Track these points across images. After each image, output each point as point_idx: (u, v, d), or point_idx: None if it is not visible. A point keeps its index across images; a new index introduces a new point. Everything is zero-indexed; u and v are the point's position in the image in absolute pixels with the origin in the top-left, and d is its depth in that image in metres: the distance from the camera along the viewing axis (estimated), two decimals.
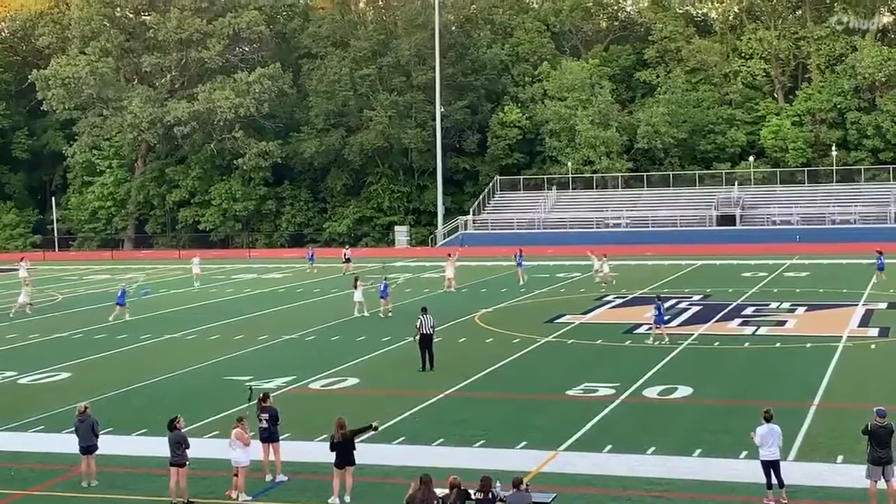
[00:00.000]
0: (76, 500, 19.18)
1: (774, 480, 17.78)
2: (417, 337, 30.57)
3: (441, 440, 22.35)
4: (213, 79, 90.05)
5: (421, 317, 30.57)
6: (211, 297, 52.15)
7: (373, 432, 20.04)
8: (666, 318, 35.70)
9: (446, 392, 27.23)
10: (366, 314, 42.24)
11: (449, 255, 54.45)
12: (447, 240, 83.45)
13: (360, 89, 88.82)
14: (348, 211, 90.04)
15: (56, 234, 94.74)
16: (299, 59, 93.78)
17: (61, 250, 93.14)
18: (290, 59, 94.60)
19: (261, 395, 20.76)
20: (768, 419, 18.08)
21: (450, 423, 24.07)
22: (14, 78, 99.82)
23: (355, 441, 18.72)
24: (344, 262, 61.57)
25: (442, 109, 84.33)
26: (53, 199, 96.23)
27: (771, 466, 17.79)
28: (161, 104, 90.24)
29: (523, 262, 53.98)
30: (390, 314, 42.29)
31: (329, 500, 18.44)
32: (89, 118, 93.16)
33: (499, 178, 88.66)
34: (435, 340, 31.00)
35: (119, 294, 44.31)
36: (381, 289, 43.39)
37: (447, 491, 15.64)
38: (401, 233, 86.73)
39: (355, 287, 42.86)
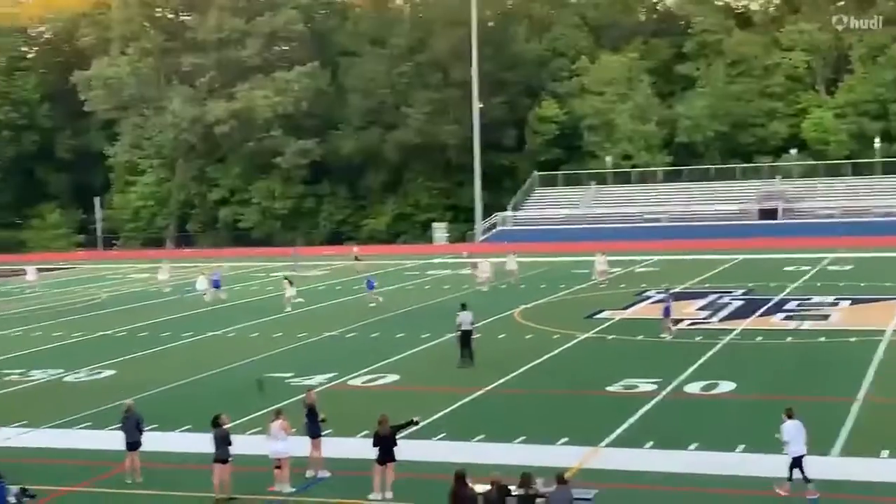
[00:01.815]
0: (121, 497, 19.40)
1: (797, 475, 17.66)
2: (457, 333, 30.60)
3: (481, 436, 22.35)
4: (252, 78, 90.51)
5: (460, 313, 30.61)
6: (251, 294, 52.45)
7: (414, 427, 20.11)
8: (705, 314, 35.54)
9: (486, 388, 27.23)
10: (289, 309, 44.38)
11: (509, 251, 54.73)
12: (485, 236, 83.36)
13: (397, 87, 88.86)
14: (386, 208, 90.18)
15: (100, 234, 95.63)
16: (337, 57, 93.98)
17: (105, 249, 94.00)
18: (328, 57, 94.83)
19: (306, 391, 20.97)
20: (791, 416, 17.95)
21: (490, 419, 24.06)
22: (57, 79, 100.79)
23: (397, 437, 18.78)
24: (355, 261, 62.26)
25: (479, 105, 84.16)
26: (97, 199, 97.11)
27: (798, 462, 17.66)
28: (201, 104, 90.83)
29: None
30: (372, 305, 44.53)
31: (370, 496, 18.50)
32: (131, 118, 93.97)
33: (537, 173, 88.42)
34: (474, 337, 31.01)
35: (214, 279, 49.41)
36: (369, 284, 46.73)
37: (488, 487, 15.65)
38: (439, 230, 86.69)
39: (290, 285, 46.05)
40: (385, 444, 18.57)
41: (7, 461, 20.55)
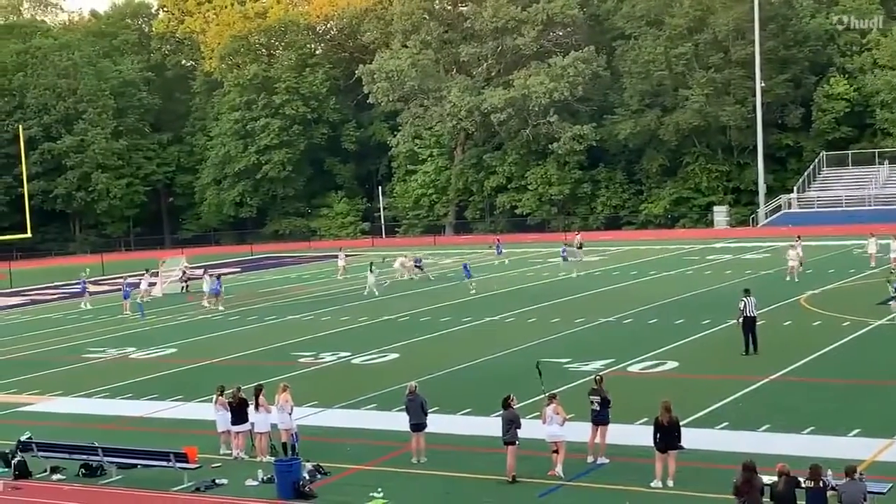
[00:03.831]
0: (407, 476, 20.00)
1: None
2: (740, 320, 29.71)
3: (767, 426, 21.59)
4: (528, 65, 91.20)
5: (744, 299, 29.68)
6: (527, 280, 52.88)
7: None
8: None
9: (771, 376, 26.29)
10: (376, 293, 48.65)
11: (798, 236, 52.42)
12: (768, 220, 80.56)
13: (675, 68, 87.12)
14: (664, 192, 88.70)
15: (383, 222, 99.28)
16: (613, 41, 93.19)
17: (388, 237, 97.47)
18: (604, 40, 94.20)
19: (596, 377, 20.98)
20: None
21: (776, 408, 23.22)
22: (342, 73, 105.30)
23: (680, 425, 18.45)
24: (576, 248, 61.60)
25: (762, 84, 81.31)
26: (380, 187, 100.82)
27: None
28: (478, 92, 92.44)
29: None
30: (472, 292, 47.24)
31: (651, 484, 18.27)
32: (411, 109, 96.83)
33: (824, 153, 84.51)
34: (758, 323, 30.00)
35: (464, 270, 53.60)
36: (465, 270, 51.30)
37: (776, 478, 15.19)
38: (720, 213, 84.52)
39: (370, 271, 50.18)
40: (667, 431, 18.27)
41: (302, 439, 21.64)
